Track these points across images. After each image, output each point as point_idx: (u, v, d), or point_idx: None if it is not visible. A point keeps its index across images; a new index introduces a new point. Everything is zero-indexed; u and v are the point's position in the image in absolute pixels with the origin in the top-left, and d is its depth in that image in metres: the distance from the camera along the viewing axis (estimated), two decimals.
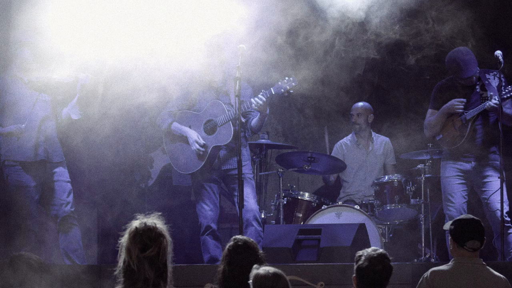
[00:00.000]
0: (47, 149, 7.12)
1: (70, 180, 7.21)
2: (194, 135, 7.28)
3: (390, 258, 4.41)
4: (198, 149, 7.23)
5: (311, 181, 9.47)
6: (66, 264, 6.95)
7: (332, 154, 8.70)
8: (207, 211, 7.29)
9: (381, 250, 4.41)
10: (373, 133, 8.71)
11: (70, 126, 7.31)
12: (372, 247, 4.47)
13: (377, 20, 7.32)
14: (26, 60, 7.14)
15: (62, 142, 7.31)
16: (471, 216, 5.06)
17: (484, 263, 4.98)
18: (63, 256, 7.10)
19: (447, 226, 5.23)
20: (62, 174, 7.19)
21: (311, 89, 9.12)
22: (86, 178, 7.85)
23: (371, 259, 4.34)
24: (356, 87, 9.12)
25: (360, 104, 8.66)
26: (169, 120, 7.39)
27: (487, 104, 6.99)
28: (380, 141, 8.67)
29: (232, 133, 7.16)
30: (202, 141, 7.25)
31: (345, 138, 8.78)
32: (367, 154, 8.61)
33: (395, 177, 8.03)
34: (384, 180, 8.05)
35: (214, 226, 7.30)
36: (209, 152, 7.26)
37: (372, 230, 7.46)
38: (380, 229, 7.78)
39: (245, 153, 7.35)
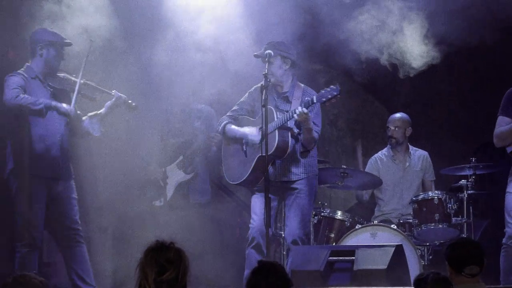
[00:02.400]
0: (61, 164, 6.71)
1: (77, 197, 6.85)
2: (252, 133, 6.89)
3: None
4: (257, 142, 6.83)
5: (343, 198, 9.20)
6: None
7: (366, 169, 8.31)
8: (255, 221, 6.88)
9: (443, 274, 4.28)
10: (411, 147, 8.27)
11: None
12: (432, 270, 4.35)
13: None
14: (50, 60, 6.68)
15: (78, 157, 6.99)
16: (469, 238, 4.91)
17: (487, 287, 4.72)
18: (76, 279, 6.69)
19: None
20: (71, 190, 6.80)
21: (344, 99, 8.86)
22: (99, 194, 7.54)
23: (434, 284, 4.20)
24: (393, 97, 8.76)
25: (398, 115, 8.20)
26: (225, 121, 7.06)
27: None
28: (418, 155, 8.23)
29: (276, 143, 6.72)
30: (259, 137, 6.81)
31: (380, 152, 8.36)
32: (404, 169, 8.20)
33: (435, 194, 7.65)
34: (423, 198, 7.68)
35: (260, 239, 6.83)
36: (255, 159, 6.83)
37: (410, 252, 7.17)
38: (419, 251, 7.47)
39: (305, 165, 6.95)
